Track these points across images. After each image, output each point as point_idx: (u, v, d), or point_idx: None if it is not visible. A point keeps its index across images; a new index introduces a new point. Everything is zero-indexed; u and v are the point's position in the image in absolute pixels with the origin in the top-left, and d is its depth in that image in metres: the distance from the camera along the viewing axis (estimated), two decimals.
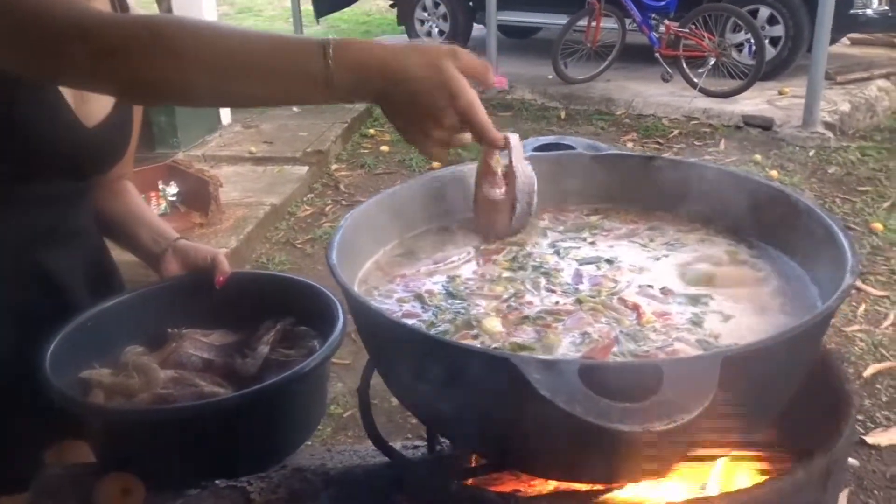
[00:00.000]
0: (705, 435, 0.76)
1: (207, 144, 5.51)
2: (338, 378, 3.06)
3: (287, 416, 1.28)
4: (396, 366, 0.89)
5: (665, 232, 1.14)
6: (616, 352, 0.85)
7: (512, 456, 0.87)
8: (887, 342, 3.18)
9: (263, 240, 4.32)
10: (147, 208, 1.47)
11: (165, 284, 1.42)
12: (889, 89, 6.29)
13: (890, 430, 2.68)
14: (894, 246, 3.92)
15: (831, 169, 4.93)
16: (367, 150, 5.77)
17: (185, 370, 1.33)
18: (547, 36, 7.98)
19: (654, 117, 6.05)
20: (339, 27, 10.91)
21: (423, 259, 1.09)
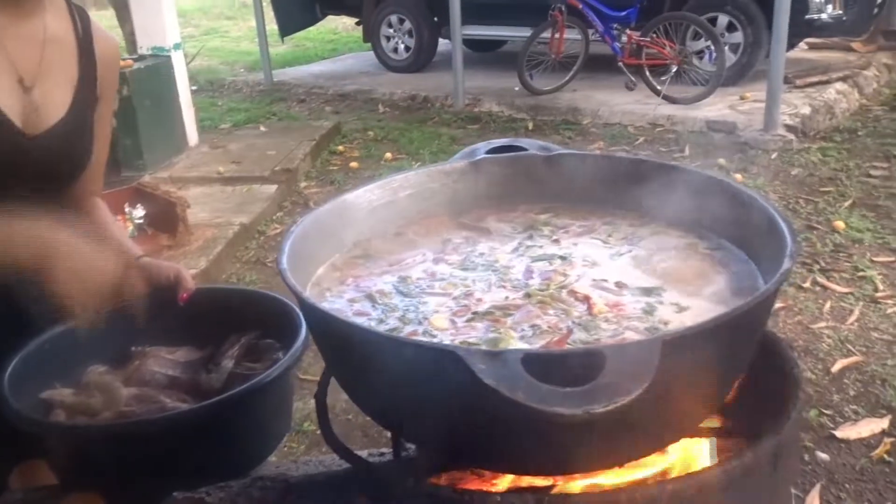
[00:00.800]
0: (654, 420, 0.77)
1: (174, 166, 5.48)
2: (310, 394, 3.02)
3: (250, 428, 1.27)
4: (349, 367, 0.89)
5: (619, 227, 1.16)
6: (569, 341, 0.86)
7: (468, 452, 0.87)
8: (853, 337, 3.23)
9: (233, 259, 4.30)
10: (114, 226, 1.46)
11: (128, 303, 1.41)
12: (847, 91, 6.43)
13: (858, 423, 2.71)
14: (856, 243, 3.99)
15: (794, 170, 5.02)
16: (336, 167, 5.77)
17: (149, 388, 1.32)
18: (512, 49, 8.06)
19: (619, 125, 6.13)
20: (306, 45, 10.94)
21: (379, 261, 1.10)
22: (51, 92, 1.23)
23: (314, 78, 8.55)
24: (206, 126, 6.63)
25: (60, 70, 1.25)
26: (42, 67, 1.22)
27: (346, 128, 6.64)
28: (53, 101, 1.24)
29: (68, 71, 1.26)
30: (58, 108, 1.24)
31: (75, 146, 1.30)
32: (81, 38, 1.29)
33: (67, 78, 1.26)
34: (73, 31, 1.28)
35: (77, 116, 1.27)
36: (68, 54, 1.27)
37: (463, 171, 1.23)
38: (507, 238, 1.16)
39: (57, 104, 1.24)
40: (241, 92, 8.48)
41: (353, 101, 7.73)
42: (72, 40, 1.28)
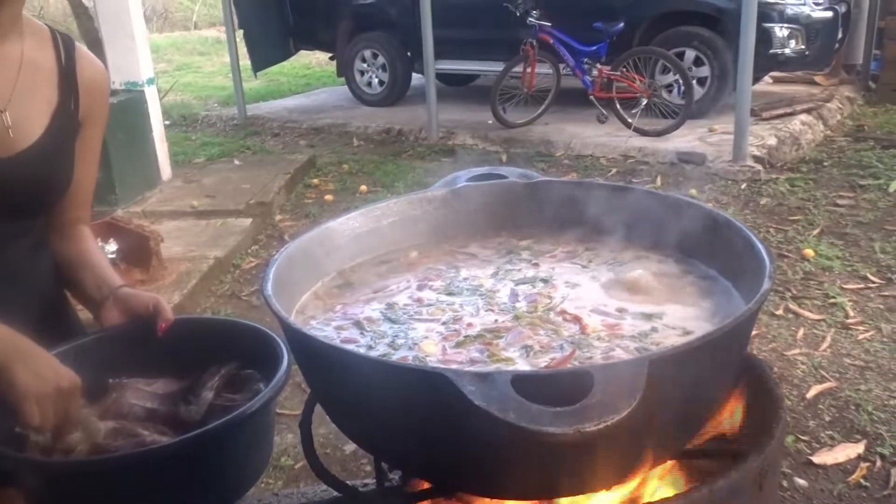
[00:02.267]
0: (641, 440, 0.78)
1: (148, 200, 5.43)
2: (288, 429, 2.99)
3: (231, 462, 1.25)
4: (337, 393, 0.88)
5: (600, 253, 1.17)
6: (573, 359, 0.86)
7: (456, 477, 0.87)
8: (826, 363, 3.27)
9: (208, 293, 4.25)
10: (97, 254, 1.43)
11: (106, 334, 1.38)
12: (811, 123, 6.60)
13: (835, 449, 2.73)
14: (826, 271, 4.06)
15: (763, 200, 5.12)
16: (311, 199, 5.77)
17: (126, 420, 1.30)
18: (485, 83, 8.17)
19: (592, 157, 6.21)
20: (279, 80, 10.98)
21: (362, 289, 1.10)
22: (26, 115, 1.23)
23: (288, 112, 8.58)
24: (180, 160, 6.60)
25: (38, 94, 1.25)
26: (17, 90, 1.22)
27: (320, 161, 6.65)
28: (29, 124, 1.23)
29: (46, 95, 1.26)
30: (33, 131, 1.23)
31: (53, 170, 1.28)
32: (64, 64, 1.29)
33: (45, 102, 1.26)
34: (54, 56, 1.28)
35: (55, 140, 1.26)
36: (47, 79, 1.27)
37: (444, 199, 1.25)
38: (486, 263, 1.17)
39: (32, 127, 1.23)
40: (215, 126, 8.47)
41: (328, 134, 7.76)
42: (52, 66, 1.28)
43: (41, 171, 1.26)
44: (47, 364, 1.14)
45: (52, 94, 1.27)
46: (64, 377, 1.15)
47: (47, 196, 1.31)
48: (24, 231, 1.31)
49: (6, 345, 1.11)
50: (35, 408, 1.11)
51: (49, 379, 1.12)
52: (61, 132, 1.27)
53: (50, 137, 1.25)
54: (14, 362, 1.10)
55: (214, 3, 16.69)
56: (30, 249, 1.34)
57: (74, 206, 1.38)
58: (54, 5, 14.37)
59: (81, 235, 1.42)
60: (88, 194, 1.40)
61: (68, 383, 1.14)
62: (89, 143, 1.36)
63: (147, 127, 5.60)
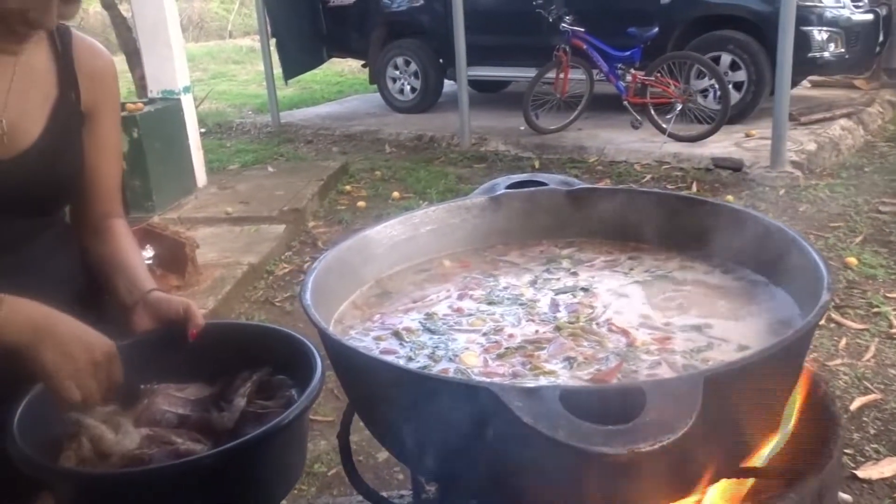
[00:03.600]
0: (694, 458, 0.75)
1: (183, 207, 5.50)
2: (321, 436, 2.99)
3: (267, 470, 1.24)
4: (376, 405, 0.87)
5: (643, 261, 1.14)
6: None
7: (496, 493, 0.84)
8: (870, 375, 3.18)
9: (242, 299, 4.28)
10: (132, 254, 1.40)
11: (136, 340, 1.38)
12: (851, 128, 6.46)
13: (880, 463, 2.65)
14: (869, 279, 3.95)
15: (802, 207, 5.01)
16: (343, 206, 5.78)
17: (159, 427, 1.29)
18: (517, 89, 8.14)
19: (626, 163, 6.14)
20: (312, 87, 11.06)
21: (401, 298, 1.08)
22: (23, 116, 1.21)
23: (321, 119, 8.63)
24: (215, 167, 6.67)
25: (35, 93, 1.23)
26: (11, 94, 1.20)
27: (353, 168, 6.68)
28: (27, 124, 1.21)
29: (44, 92, 1.24)
30: (32, 130, 1.21)
31: (57, 166, 1.26)
32: (60, 55, 1.27)
33: (43, 99, 1.24)
34: (50, 51, 1.26)
35: (56, 136, 1.24)
36: (43, 76, 1.25)
37: (483, 207, 1.22)
38: (525, 271, 1.15)
39: (31, 127, 1.21)
40: (249, 133, 8.56)
41: (360, 141, 7.79)
42: (48, 61, 1.26)
43: (45, 168, 1.23)
44: (76, 338, 1.08)
45: (51, 89, 1.25)
46: (97, 348, 1.09)
47: (57, 192, 1.29)
48: (43, 227, 1.29)
49: (26, 326, 1.05)
50: (72, 385, 1.06)
51: (79, 355, 1.06)
52: (63, 127, 1.25)
53: (51, 134, 1.22)
54: (38, 343, 1.04)
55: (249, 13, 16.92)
56: (52, 245, 1.32)
57: (101, 201, 1.36)
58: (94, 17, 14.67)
59: (114, 231, 1.39)
60: (115, 188, 1.38)
61: (102, 354, 1.09)
62: (105, 134, 1.34)
63: (183, 134, 5.68)
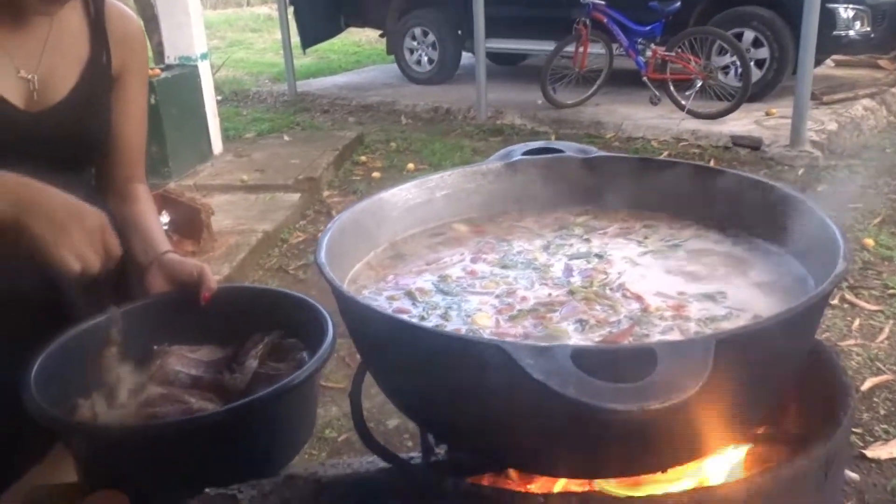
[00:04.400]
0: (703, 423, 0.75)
1: (199, 174, 5.52)
2: (332, 402, 3.02)
3: (276, 430, 1.25)
4: (387, 363, 0.87)
5: (659, 230, 1.14)
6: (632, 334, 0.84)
7: (508, 452, 0.85)
8: (883, 356, 3.17)
9: (256, 266, 4.31)
10: (148, 217, 1.43)
11: (150, 301, 1.40)
12: (874, 108, 6.37)
13: (889, 443, 2.66)
14: (886, 261, 3.93)
15: (821, 187, 4.96)
16: (358, 176, 5.79)
17: (173, 387, 1.31)
18: (535, 62, 8.07)
19: (643, 139, 6.10)
20: (330, 57, 11.02)
21: (415, 260, 1.08)
22: (54, 73, 1.23)
23: (338, 89, 8.61)
24: (231, 135, 6.69)
25: (68, 52, 1.25)
26: (45, 53, 1.22)
27: (368, 138, 6.67)
28: (57, 81, 1.23)
29: (77, 52, 1.26)
30: (62, 87, 1.23)
31: (85, 125, 1.28)
32: (93, 18, 1.29)
33: (76, 59, 1.26)
34: (83, 12, 1.28)
35: (86, 95, 1.26)
36: (77, 36, 1.27)
37: (499, 173, 1.22)
38: (538, 237, 1.15)
39: (61, 84, 1.23)
40: (266, 102, 8.55)
41: (376, 112, 7.77)
42: (81, 22, 1.28)
43: (73, 124, 1.26)
44: (63, 208, 1.05)
45: (83, 50, 1.27)
46: (87, 217, 1.06)
47: (84, 150, 1.31)
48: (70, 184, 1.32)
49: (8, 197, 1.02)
50: (69, 255, 1.03)
51: (70, 225, 1.03)
52: (93, 87, 1.27)
53: (80, 93, 1.25)
54: (26, 216, 1.02)
55: None
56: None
57: (124, 165, 1.39)
58: None
59: (136, 196, 1.42)
60: (139, 152, 1.40)
61: (92, 220, 1.07)
62: (132, 99, 1.36)
63: (199, 102, 5.68)
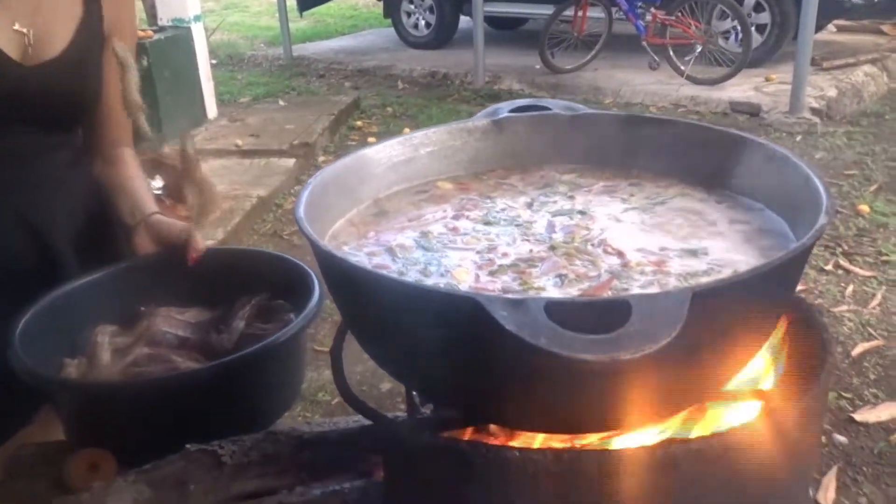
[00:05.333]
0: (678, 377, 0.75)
1: (193, 138, 5.48)
2: (325, 366, 3.02)
3: (262, 389, 1.26)
4: (366, 318, 0.87)
5: (644, 188, 1.13)
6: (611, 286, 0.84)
7: (486, 407, 0.85)
8: (875, 321, 3.19)
9: (251, 231, 4.30)
10: (136, 179, 1.43)
11: (138, 262, 1.39)
12: (875, 74, 6.31)
13: (878, 407, 2.68)
14: (881, 227, 3.92)
15: (818, 154, 4.94)
16: (354, 142, 5.75)
17: (160, 347, 1.31)
18: (534, 27, 7.97)
19: (641, 105, 6.05)
20: (326, 21, 10.88)
21: (398, 217, 1.08)
22: (50, 26, 1.23)
23: (334, 53, 8.51)
24: (225, 99, 6.63)
25: (62, 8, 1.25)
26: (41, 6, 1.22)
27: (364, 103, 6.61)
28: (52, 37, 1.23)
29: (71, 8, 1.26)
30: (57, 44, 1.23)
31: (79, 81, 1.28)
32: None
33: (70, 15, 1.26)
34: None
35: (80, 53, 1.26)
36: None
37: (485, 130, 1.21)
38: (521, 194, 1.14)
39: (56, 41, 1.23)
40: (261, 66, 8.46)
41: (373, 76, 7.69)
42: None
43: (66, 81, 1.26)
44: None
45: (77, 7, 1.27)
46: None
47: (75, 108, 1.31)
48: (60, 144, 1.33)
49: None
50: None
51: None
52: (86, 45, 1.27)
53: (74, 49, 1.25)
54: None
55: None
56: (68, 164, 1.36)
57: (112, 128, 1.39)
58: None
59: (123, 159, 1.42)
60: (121, 115, 1.40)
61: None
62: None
63: (193, 65, 5.61)
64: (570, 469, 0.77)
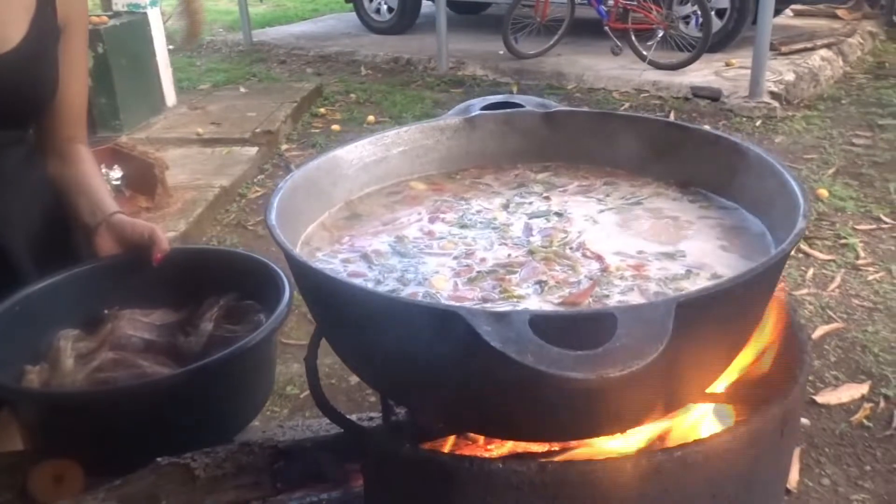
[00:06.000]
0: (662, 384, 0.75)
1: (152, 126, 5.36)
2: (293, 358, 3.01)
3: (233, 394, 1.23)
4: (343, 329, 0.85)
5: (619, 187, 1.12)
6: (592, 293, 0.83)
7: (466, 417, 0.84)
8: (834, 304, 3.25)
9: (214, 222, 4.23)
10: (94, 178, 1.39)
11: (101, 263, 1.35)
12: (831, 59, 6.41)
13: (839, 389, 2.74)
14: (839, 211, 4.00)
15: (778, 138, 5.02)
16: (317, 129, 5.68)
17: (126, 352, 1.28)
18: (496, 12, 7.94)
19: (604, 90, 6.07)
20: (286, 5, 10.71)
21: (371, 220, 1.05)
22: (4, 22, 1.19)
23: (295, 39, 8.39)
24: (185, 86, 6.49)
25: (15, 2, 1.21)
26: None
27: (327, 90, 6.53)
28: (7, 31, 1.19)
29: (24, 2, 1.22)
30: (12, 37, 1.19)
31: (35, 75, 1.24)
32: None
33: (23, 9, 1.22)
34: None
35: (34, 47, 1.22)
36: None
37: (457, 128, 1.19)
38: (496, 195, 1.12)
39: (11, 34, 1.19)
40: (220, 52, 8.31)
41: (335, 62, 7.60)
42: None
43: (22, 75, 1.22)
44: None
45: (30, 1, 1.22)
46: None
47: (31, 102, 1.27)
48: (14, 140, 1.29)
49: None
50: None
51: None
52: (41, 38, 1.23)
53: (30, 43, 1.20)
54: None
55: None
56: (22, 161, 1.31)
57: (66, 124, 1.34)
58: None
59: (78, 156, 1.37)
60: (80, 111, 1.36)
61: None
62: (74, 52, 1.32)
63: (150, 51, 5.48)
64: (554, 480, 0.76)
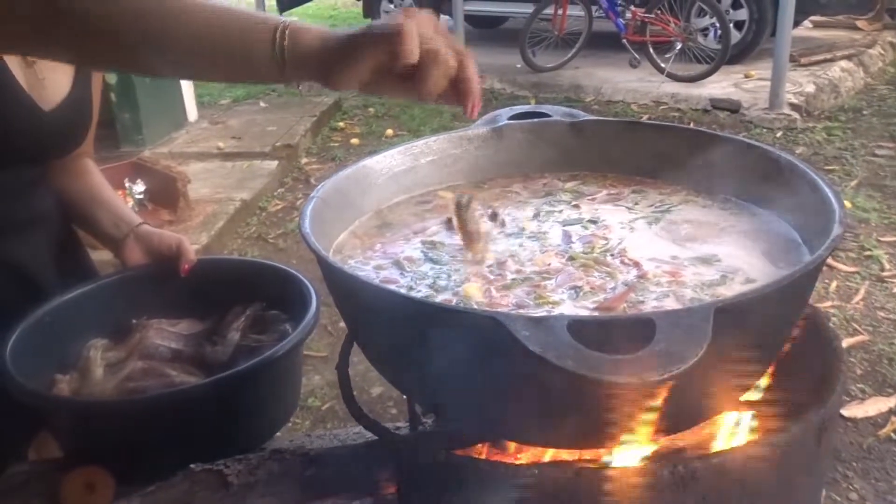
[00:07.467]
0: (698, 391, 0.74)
1: (174, 141, 5.42)
2: (315, 370, 3.02)
3: (261, 403, 1.24)
4: (376, 335, 0.85)
5: (648, 195, 1.12)
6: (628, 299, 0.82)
7: (503, 424, 0.84)
8: (859, 316, 3.21)
9: (234, 235, 4.26)
10: (109, 190, 1.41)
11: (129, 274, 1.37)
12: (852, 70, 6.38)
13: (865, 402, 2.70)
14: (863, 223, 3.96)
15: (798, 149, 4.98)
16: (337, 143, 5.71)
17: (154, 361, 1.29)
18: (514, 25, 7.96)
19: (623, 103, 6.07)
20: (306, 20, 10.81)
21: (401, 229, 1.06)
22: (53, 65, 1.19)
23: None
24: (206, 101, 6.55)
25: None
26: None
27: (346, 104, 6.57)
28: (57, 73, 1.20)
29: None
30: (63, 81, 1.21)
31: (84, 116, 1.27)
32: None
33: None
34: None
35: (82, 87, 1.24)
36: None
37: (485, 138, 1.19)
38: (525, 203, 1.13)
39: (61, 77, 1.21)
40: None
41: None
42: None
43: (77, 119, 1.24)
44: None
45: None
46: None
47: (78, 141, 1.29)
48: (41, 175, 1.29)
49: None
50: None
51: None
52: (85, 80, 1.25)
53: (79, 85, 1.22)
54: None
55: None
56: (46, 192, 1.32)
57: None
58: None
59: (87, 169, 1.38)
60: (93, 129, 1.38)
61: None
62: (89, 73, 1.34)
63: None
64: (590, 486, 0.76)
